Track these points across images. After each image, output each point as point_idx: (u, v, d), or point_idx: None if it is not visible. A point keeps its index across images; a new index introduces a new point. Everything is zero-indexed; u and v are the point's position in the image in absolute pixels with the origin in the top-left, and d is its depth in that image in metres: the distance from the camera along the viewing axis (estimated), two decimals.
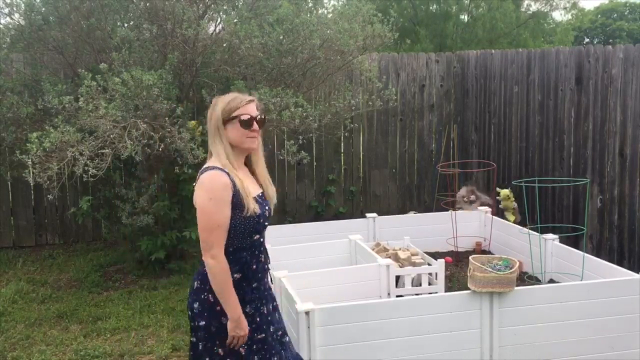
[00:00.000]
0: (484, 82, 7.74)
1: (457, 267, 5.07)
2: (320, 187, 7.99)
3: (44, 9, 5.81)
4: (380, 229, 5.43)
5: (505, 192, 5.54)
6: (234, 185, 2.62)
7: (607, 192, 5.69)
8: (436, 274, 4.41)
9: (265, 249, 2.82)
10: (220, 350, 2.68)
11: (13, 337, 4.75)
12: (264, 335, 2.74)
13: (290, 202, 7.85)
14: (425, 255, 4.70)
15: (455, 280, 4.76)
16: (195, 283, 2.72)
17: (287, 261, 4.51)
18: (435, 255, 4.79)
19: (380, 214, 5.74)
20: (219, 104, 2.72)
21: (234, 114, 2.69)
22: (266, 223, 2.76)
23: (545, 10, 17.99)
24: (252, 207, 2.63)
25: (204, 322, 2.66)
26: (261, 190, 2.80)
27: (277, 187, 8.18)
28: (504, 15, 16.28)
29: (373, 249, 4.78)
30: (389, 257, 4.45)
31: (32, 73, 6.12)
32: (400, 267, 4.44)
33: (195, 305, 2.68)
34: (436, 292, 4.27)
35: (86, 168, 4.79)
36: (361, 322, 3.40)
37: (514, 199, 5.54)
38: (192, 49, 5.38)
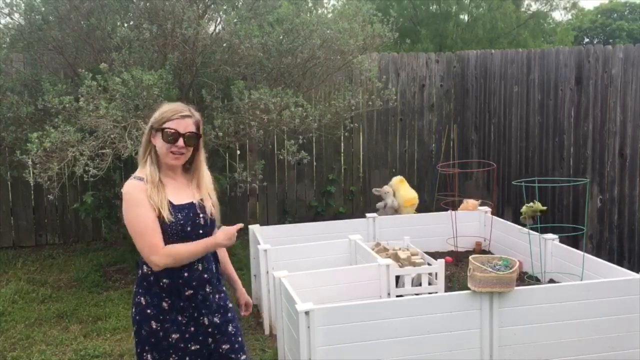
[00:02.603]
0: (484, 82, 7.74)
1: (457, 267, 5.07)
2: (320, 187, 7.99)
3: (43, 9, 5.80)
4: (380, 229, 5.43)
5: (528, 208, 4.76)
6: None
7: (607, 192, 5.69)
8: (436, 274, 4.41)
9: (206, 258, 2.67)
10: (149, 356, 2.61)
11: (13, 337, 4.75)
12: (198, 347, 2.64)
13: (290, 202, 7.84)
14: (425, 255, 4.70)
15: (455, 280, 4.76)
16: (135, 287, 2.69)
17: (287, 261, 4.52)
18: (435, 255, 4.79)
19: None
20: (157, 111, 2.62)
21: (163, 125, 2.56)
22: (201, 231, 2.62)
23: (545, 10, 18.03)
24: (164, 215, 2.52)
25: (136, 326, 2.62)
26: (196, 199, 2.66)
27: (277, 187, 8.16)
28: (504, 15, 16.32)
29: (373, 249, 4.78)
30: (389, 257, 4.45)
31: (32, 73, 6.11)
32: (400, 267, 4.45)
33: (133, 310, 2.65)
34: (436, 292, 4.27)
35: (86, 168, 4.80)
36: (361, 322, 3.40)
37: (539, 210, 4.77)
38: (192, 49, 5.38)
